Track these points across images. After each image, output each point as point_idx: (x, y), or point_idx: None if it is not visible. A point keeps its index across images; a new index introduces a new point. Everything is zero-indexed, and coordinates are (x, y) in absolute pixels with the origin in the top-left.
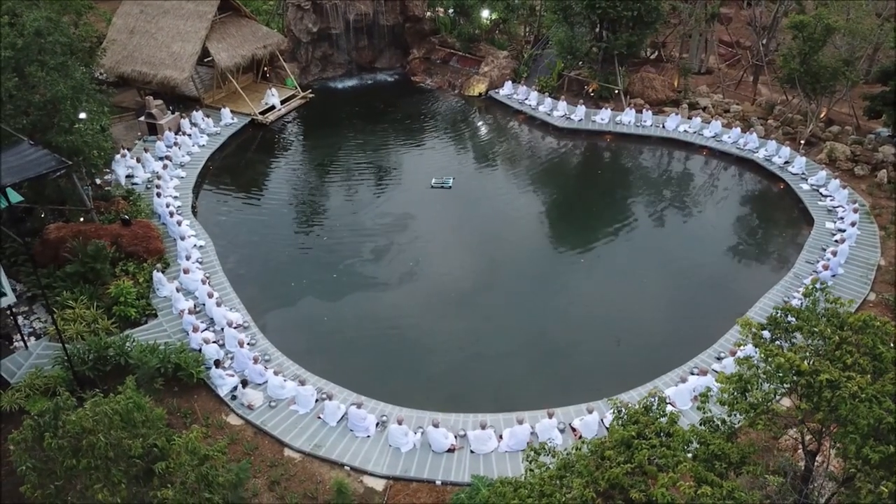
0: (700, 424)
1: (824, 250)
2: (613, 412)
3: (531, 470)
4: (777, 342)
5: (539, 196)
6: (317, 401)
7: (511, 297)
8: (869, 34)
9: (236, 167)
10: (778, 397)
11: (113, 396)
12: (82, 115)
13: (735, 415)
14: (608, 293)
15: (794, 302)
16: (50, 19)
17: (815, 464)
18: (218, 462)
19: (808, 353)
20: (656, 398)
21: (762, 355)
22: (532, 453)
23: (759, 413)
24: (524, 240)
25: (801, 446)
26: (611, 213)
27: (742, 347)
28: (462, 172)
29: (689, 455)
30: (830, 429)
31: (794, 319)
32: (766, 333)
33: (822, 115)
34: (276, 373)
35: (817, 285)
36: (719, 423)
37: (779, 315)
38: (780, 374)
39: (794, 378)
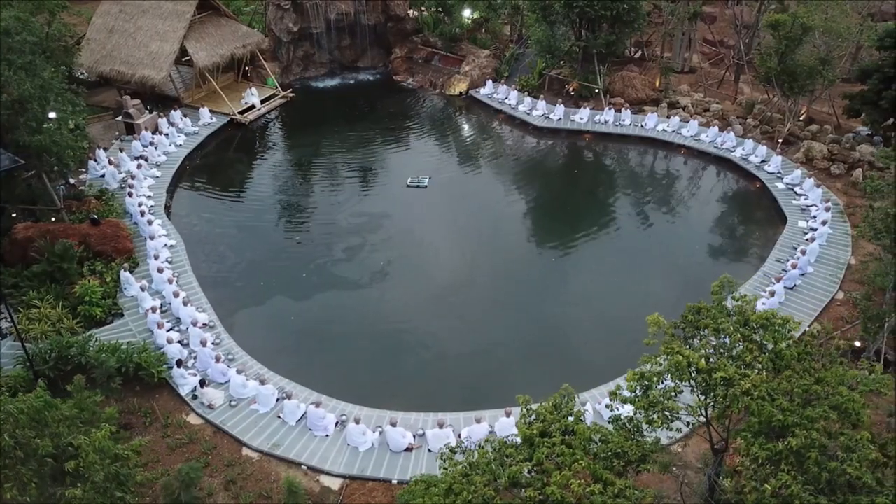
0: (609, 423)
1: (795, 249)
2: (522, 410)
3: (445, 468)
4: (691, 340)
5: (515, 195)
6: (278, 400)
7: (482, 295)
8: (846, 32)
9: (213, 167)
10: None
11: (22, 396)
12: (52, 115)
13: (639, 413)
14: (580, 292)
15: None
16: (19, 18)
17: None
18: (131, 461)
19: (710, 351)
20: (566, 396)
21: (662, 352)
22: (448, 451)
23: (660, 410)
24: (498, 239)
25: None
26: (586, 212)
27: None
28: (439, 172)
29: (593, 453)
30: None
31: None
32: (679, 331)
33: (801, 115)
34: (238, 372)
35: (724, 283)
36: (626, 421)
37: (689, 313)
38: (679, 372)
39: (693, 375)
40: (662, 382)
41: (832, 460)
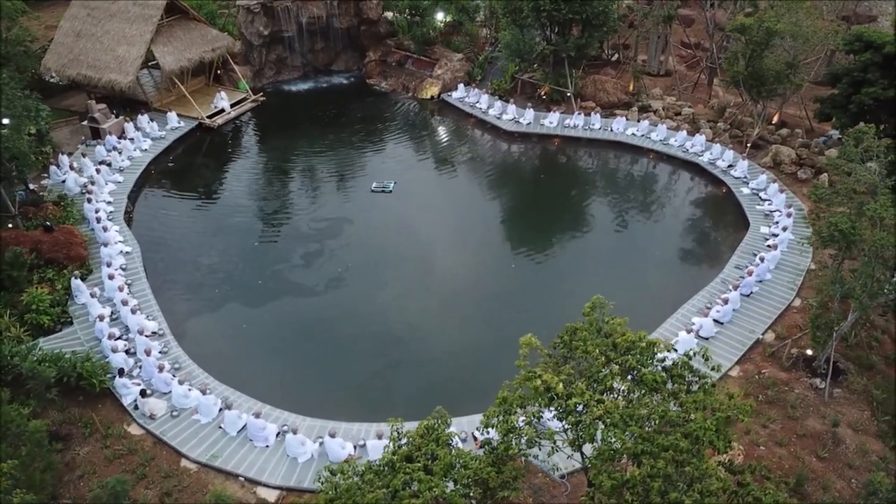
0: (479, 447)
1: (755, 255)
2: (392, 434)
3: (322, 490)
4: (569, 361)
5: (481, 200)
6: (220, 410)
7: (438, 303)
8: (812, 36)
9: (178, 172)
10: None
11: None
12: (5, 121)
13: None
14: (539, 299)
15: (714, 311)
16: None
17: None
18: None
19: (577, 374)
20: (439, 419)
21: (522, 377)
22: (328, 473)
23: (518, 435)
24: (460, 245)
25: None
26: (551, 218)
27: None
28: (406, 176)
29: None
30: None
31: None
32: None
33: (773, 118)
34: (181, 382)
35: (597, 304)
36: (496, 445)
37: (565, 334)
38: (538, 397)
39: (553, 400)
40: (527, 406)
41: (676, 490)
